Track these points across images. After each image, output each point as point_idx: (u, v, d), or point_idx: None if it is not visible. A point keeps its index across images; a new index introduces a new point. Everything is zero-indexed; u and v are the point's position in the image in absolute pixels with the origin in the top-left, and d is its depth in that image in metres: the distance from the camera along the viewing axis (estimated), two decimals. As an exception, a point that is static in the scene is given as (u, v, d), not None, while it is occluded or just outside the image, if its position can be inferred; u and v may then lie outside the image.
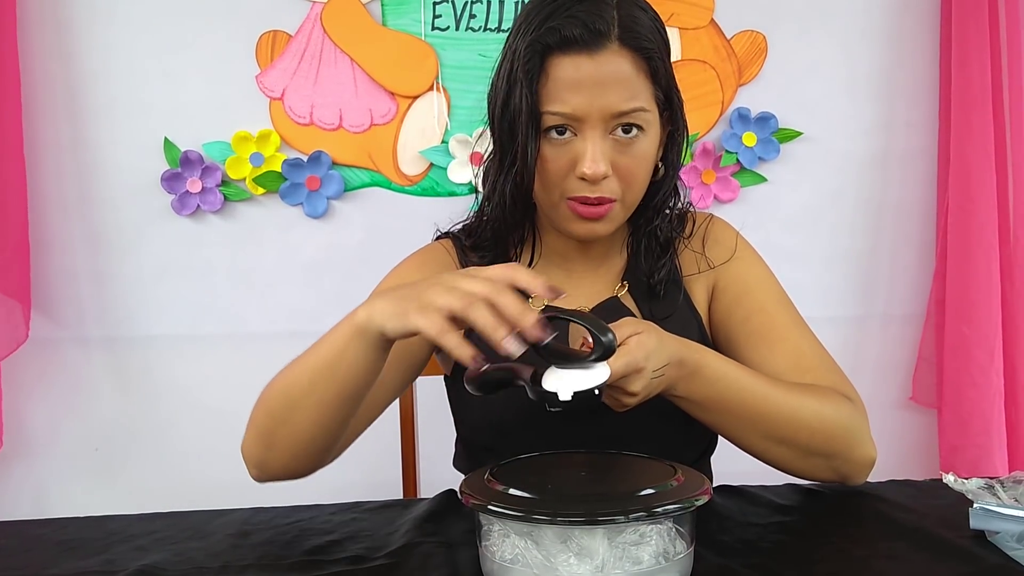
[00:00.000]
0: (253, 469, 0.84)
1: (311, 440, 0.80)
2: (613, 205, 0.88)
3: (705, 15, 1.77)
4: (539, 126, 0.86)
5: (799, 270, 1.78)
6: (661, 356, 0.74)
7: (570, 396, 0.66)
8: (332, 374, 0.74)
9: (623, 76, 0.84)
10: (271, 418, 0.80)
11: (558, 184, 0.87)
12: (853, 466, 0.86)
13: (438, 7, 1.74)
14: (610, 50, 0.84)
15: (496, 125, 0.90)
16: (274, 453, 0.81)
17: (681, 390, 0.79)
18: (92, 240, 1.72)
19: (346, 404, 0.77)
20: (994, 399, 1.72)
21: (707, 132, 1.79)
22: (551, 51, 0.84)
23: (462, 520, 0.81)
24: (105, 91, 1.71)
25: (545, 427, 0.88)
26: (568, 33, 0.83)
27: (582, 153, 0.85)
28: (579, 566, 0.60)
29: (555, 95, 0.84)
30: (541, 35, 0.84)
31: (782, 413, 0.82)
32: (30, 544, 0.81)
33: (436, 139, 1.76)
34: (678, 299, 0.97)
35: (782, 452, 0.84)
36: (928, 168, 1.83)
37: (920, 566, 0.69)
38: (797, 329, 0.93)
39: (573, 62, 0.84)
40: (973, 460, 1.72)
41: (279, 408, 0.79)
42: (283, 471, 0.83)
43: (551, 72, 0.84)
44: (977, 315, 1.73)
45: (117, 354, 1.74)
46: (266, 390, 0.82)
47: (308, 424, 0.78)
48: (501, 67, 0.90)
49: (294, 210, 1.75)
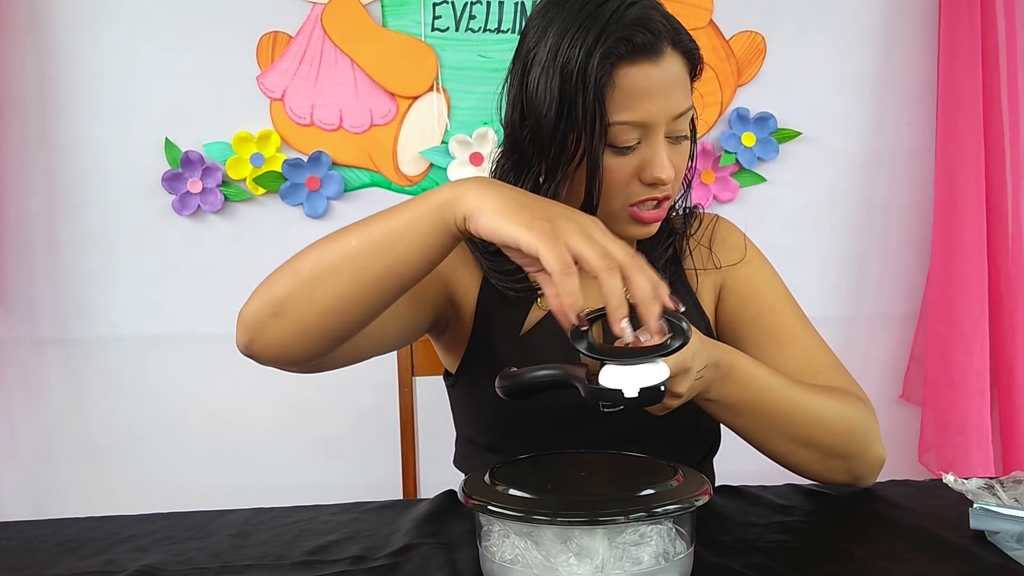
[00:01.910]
0: (244, 335, 0.76)
1: (327, 316, 0.71)
2: (667, 204, 0.89)
3: (704, 16, 1.78)
4: (605, 137, 0.84)
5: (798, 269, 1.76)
6: (703, 357, 0.72)
7: (636, 392, 0.63)
8: (388, 244, 0.68)
9: (680, 79, 0.85)
10: (295, 278, 0.72)
11: (621, 191, 0.86)
12: (867, 467, 0.87)
13: (438, 8, 1.75)
14: (668, 55, 0.84)
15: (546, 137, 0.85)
16: (279, 322, 0.73)
17: (715, 393, 0.78)
18: (93, 240, 1.73)
19: (386, 288, 0.70)
20: (974, 398, 1.73)
21: (706, 132, 1.79)
22: (619, 61, 0.82)
23: (462, 520, 0.81)
24: (106, 91, 1.71)
25: (545, 427, 0.88)
26: (639, 41, 0.81)
27: (651, 159, 0.84)
28: (579, 566, 0.60)
29: (623, 104, 0.82)
30: (610, 46, 0.81)
31: (807, 415, 0.82)
32: (30, 544, 0.81)
33: (436, 140, 1.76)
34: (685, 298, 0.97)
35: (806, 455, 0.84)
36: (925, 168, 1.83)
37: (920, 566, 0.69)
38: (806, 330, 0.94)
39: (642, 71, 0.82)
40: (949, 458, 1.74)
41: (308, 269, 0.71)
42: (276, 348, 0.75)
43: (618, 82, 0.82)
44: (958, 315, 1.73)
45: (118, 354, 1.74)
46: (295, 256, 0.74)
47: (334, 295, 0.70)
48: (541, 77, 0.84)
49: (294, 210, 1.75)
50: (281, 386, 1.70)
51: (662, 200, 0.87)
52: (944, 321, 1.75)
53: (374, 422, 1.72)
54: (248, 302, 0.76)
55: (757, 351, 0.92)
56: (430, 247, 0.68)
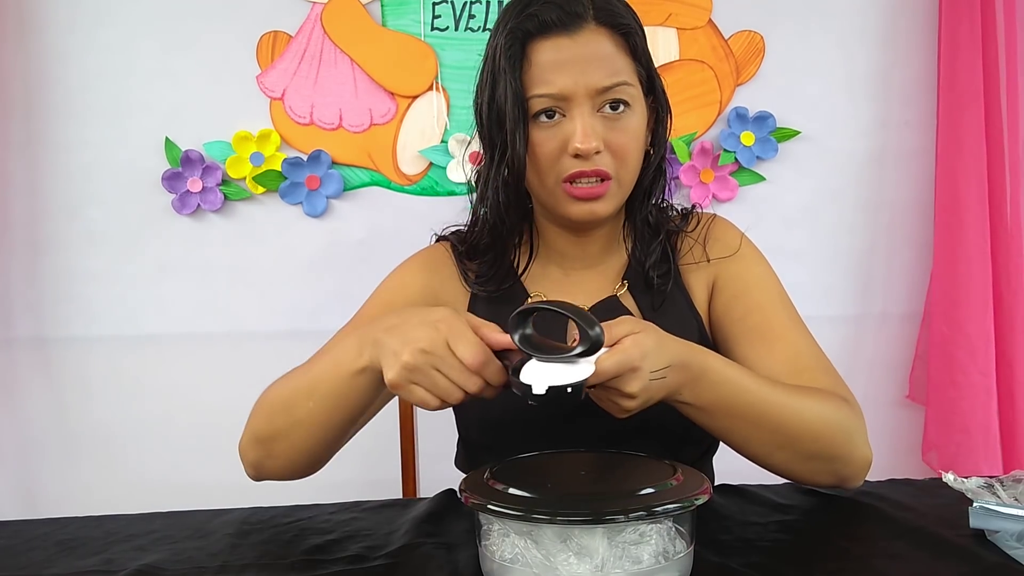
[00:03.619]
0: (249, 469, 0.86)
1: (310, 452, 0.83)
2: (610, 184, 0.89)
3: (703, 15, 1.78)
4: (527, 112, 0.88)
5: (797, 269, 1.78)
6: (661, 358, 0.71)
7: (544, 390, 0.64)
8: (338, 401, 0.78)
9: (603, 53, 0.87)
10: (271, 427, 0.82)
11: (552, 167, 0.89)
12: (852, 468, 0.84)
13: (437, 7, 1.75)
14: (588, 29, 0.87)
15: (484, 122, 0.92)
16: (272, 460, 0.84)
17: (687, 395, 0.76)
18: (93, 239, 1.73)
19: (349, 424, 0.81)
20: (977, 397, 1.72)
21: (705, 131, 1.79)
22: (531, 37, 0.87)
23: (462, 520, 0.81)
24: (107, 91, 1.71)
25: (545, 427, 0.88)
26: (546, 17, 0.86)
27: (572, 130, 0.87)
28: (579, 565, 0.60)
29: (539, 78, 0.87)
30: (520, 23, 0.87)
31: (785, 416, 0.80)
32: (30, 544, 0.81)
33: (435, 139, 1.76)
34: (677, 296, 0.97)
35: (785, 456, 0.82)
36: (926, 167, 1.83)
37: (920, 565, 0.69)
38: (795, 329, 0.92)
39: (554, 44, 0.87)
40: (951, 457, 1.73)
41: (281, 422, 0.81)
42: (279, 476, 0.86)
43: (533, 58, 0.87)
44: (960, 314, 1.73)
45: (118, 352, 1.74)
46: (267, 396, 0.84)
47: (311, 442, 0.81)
48: (484, 66, 0.92)
49: (294, 209, 1.75)
50: (281, 385, 1.70)
51: (602, 178, 0.88)
52: (948, 321, 1.74)
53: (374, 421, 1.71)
54: (242, 438, 0.86)
55: (744, 349, 0.92)
56: (377, 391, 0.77)
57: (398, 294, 0.97)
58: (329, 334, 0.92)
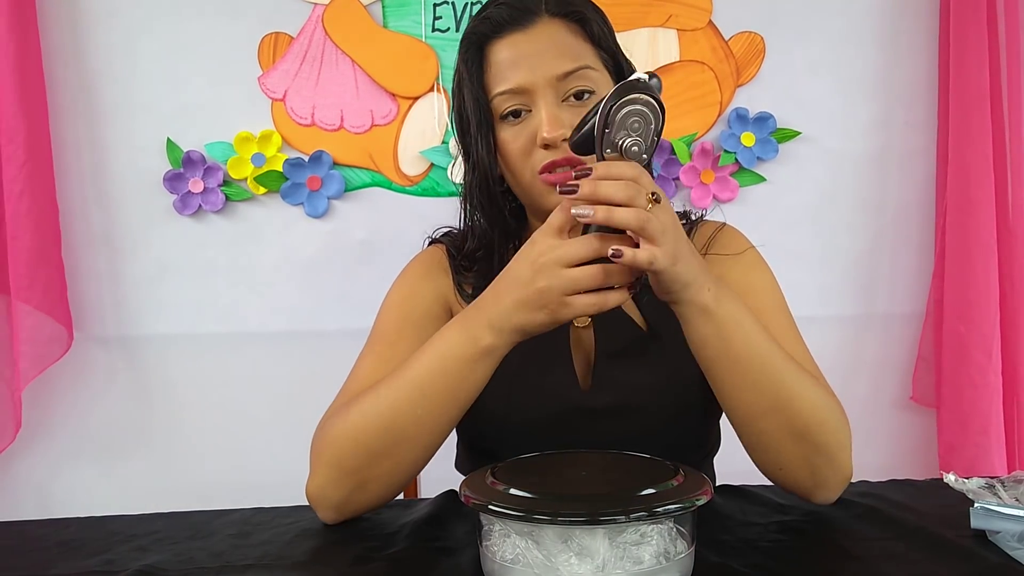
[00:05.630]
0: (330, 512, 0.81)
1: (414, 463, 0.80)
2: None
3: (703, 16, 1.78)
4: (490, 115, 0.89)
5: (798, 269, 1.78)
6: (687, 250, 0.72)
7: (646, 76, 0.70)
8: (457, 394, 0.76)
9: (560, 41, 0.88)
10: (365, 453, 0.78)
11: (525, 163, 0.89)
12: (831, 471, 0.79)
13: (438, 9, 1.75)
14: (542, 22, 0.89)
15: (458, 132, 0.94)
16: (364, 491, 0.80)
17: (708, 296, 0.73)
18: (95, 240, 1.73)
19: (457, 421, 0.79)
20: (992, 398, 1.72)
21: (705, 132, 1.80)
22: (487, 40, 0.89)
23: (463, 520, 0.81)
24: (108, 92, 1.71)
25: (546, 428, 0.88)
26: (499, 18, 0.88)
27: (539, 122, 0.87)
28: (580, 566, 0.60)
29: (499, 77, 0.88)
30: (475, 27, 0.90)
31: (787, 380, 0.76)
32: (31, 544, 0.81)
33: (436, 140, 1.76)
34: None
35: (772, 425, 0.76)
36: (927, 168, 1.83)
37: (920, 566, 0.69)
38: (792, 338, 0.91)
39: (509, 42, 0.89)
40: (971, 459, 1.72)
41: (378, 444, 0.77)
42: (368, 507, 0.82)
43: (491, 58, 0.89)
44: (975, 315, 1.72)
45: (119, 353, 1.74)
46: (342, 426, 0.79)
47: (417, 453, 0.79)
48: (454, 77, 0.94)
49: (295, 210, 1.75)
50: (282, 386, 1.70)
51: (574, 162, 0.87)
52: (963, 322, 1.73)
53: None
54: (314, 481, 0.81)
55: None
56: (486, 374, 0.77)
57: (414, 305, 0.96)
58: (330, 334, 0.92)
